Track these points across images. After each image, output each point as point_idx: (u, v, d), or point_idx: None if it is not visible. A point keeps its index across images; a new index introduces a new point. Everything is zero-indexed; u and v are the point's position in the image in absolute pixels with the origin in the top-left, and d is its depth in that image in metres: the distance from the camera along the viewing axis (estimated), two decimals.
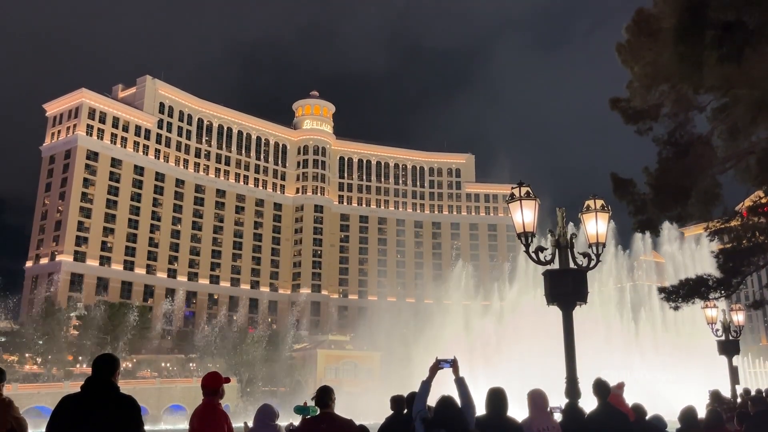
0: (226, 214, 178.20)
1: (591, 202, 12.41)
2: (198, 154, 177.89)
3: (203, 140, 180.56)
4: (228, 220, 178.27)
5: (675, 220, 22.50)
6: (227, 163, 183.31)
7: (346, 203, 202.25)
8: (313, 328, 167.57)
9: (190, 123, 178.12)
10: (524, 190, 11.88)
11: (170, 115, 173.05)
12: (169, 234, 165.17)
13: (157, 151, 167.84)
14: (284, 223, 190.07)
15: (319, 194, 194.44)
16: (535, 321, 67.60)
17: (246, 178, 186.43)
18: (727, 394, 20.98)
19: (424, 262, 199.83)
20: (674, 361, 71.69)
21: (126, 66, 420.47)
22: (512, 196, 12.01)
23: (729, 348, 23.56)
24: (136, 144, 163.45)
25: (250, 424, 10.03)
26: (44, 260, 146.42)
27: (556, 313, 11.85)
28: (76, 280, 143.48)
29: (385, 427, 10.23)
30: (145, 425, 7.16)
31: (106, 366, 6.93)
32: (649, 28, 18.98)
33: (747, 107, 18.27)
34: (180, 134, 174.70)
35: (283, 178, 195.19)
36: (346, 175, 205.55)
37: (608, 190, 20.90)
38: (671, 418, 12.26)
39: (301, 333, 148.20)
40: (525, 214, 11.83)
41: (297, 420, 9.37)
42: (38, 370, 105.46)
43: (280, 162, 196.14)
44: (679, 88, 19.67)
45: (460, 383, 8.29)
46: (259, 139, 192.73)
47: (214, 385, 8.70)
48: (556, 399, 10.23)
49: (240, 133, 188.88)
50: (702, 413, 12.26)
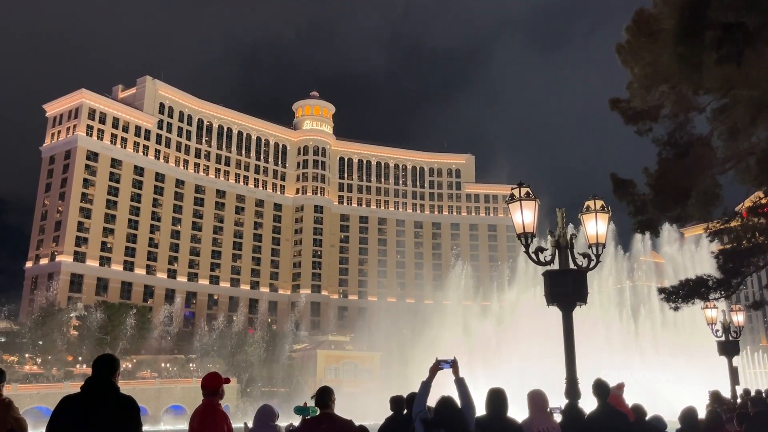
0: (226, 215, 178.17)
1: (591, 203, 12.41)
2: (198, 155, 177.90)
3: (203, 141, 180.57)
4: (228, 220, 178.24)
5: (675, 221, 22.49)
6: (227, 164, 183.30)
7: (346, 204, 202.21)
8: (313, 329, 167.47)
9: (190, 123, 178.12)
10: (524, 191, 11.89)
11: (170, 116, 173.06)
12: (169, 234, 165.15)
13: (157, 152, 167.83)
14: (284, 224, 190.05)
15: (319, 195, 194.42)
16: (534, 321, 67.62)
17: (246, 178, 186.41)
18: (727, 395, 20.98)
19: (424, 263, 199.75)
20: (674, 361, 71.68)
21: (126, 66, 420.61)
22: (512, 196, 12.02)
23: (729, 348, 23.57)
24: (136, 144, 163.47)
25: (250, 425, 10.04)
26: (44, 260, 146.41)
27: (556, 313, 11.86)
28: (76, 281, 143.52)
29: (385, 427, 10.23)
30: (145, 426, 7.19)
31: (106, 366, 6.94)
32: (649, 29, 18.98)
33: (747, 108, 18.28)
34: (180, 135, 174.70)
35: (283, 179, 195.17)
36: (346, 176, 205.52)
37: (608, 191, 20.91)
38: (671, 419, 12.27)
39: (300, 333, 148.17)
40: (525, 215, 11.84)
41: (297, 420, 9.38)
42: (38, 371, 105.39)
43: (280, 162, 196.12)
44: (679, 89, 19.68)
45: (460, 384, 8.30)
46: (259, 139, 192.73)
47: (213, 386, 8.70)
48: (556, 399, 10.23)
49: (240, 133, 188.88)
50: (702, 414, 12.27)
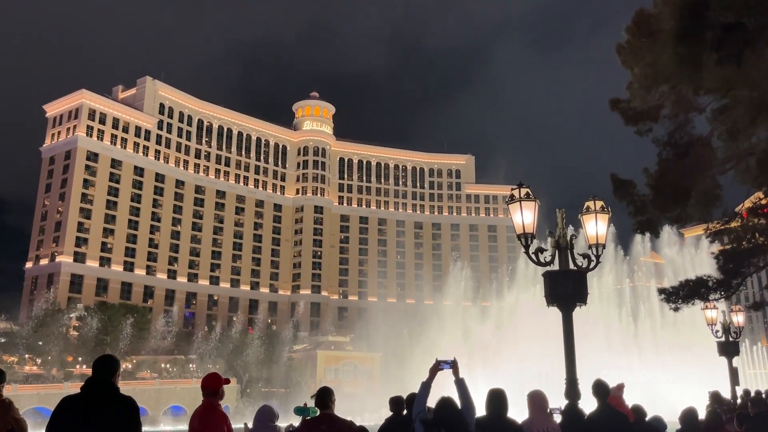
0: (226, 215, 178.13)
1: (591, 203, 12.41)
2: (198, 155, 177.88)
3: (203, 141, 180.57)
4: (228, 221, 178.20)
5: (675, 221, 22.46)
6: (227, 164, 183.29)
7: (346, 204, 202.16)
8: (313, 329, 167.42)
9: (190, 124, 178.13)
10: (524, 191, 11.89)
11: (170, 116, 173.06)
12: (169, 235, 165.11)
13: (157, 152, 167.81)
14: (284, 224, 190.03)
15: (319, 195, 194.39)
16: (534, 322, 67.60)
17: (246, 179, 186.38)
18: (727, 395, 20.98)
19: (423, 263, 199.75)
20: (674, 362, 71.64)
21: (126, 67, 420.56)
22: (512, 197, 12.01)
23: (729, 349, 23.57)
24: (136, 145, 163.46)
25: (250, 425, 10.04)
26: (44, 261, 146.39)
27: (556, 314, 11.85)
28: (76, 281, 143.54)
29: (385, 428, 10.23)
30: (145, 426, 7.19)
31: (106, 367, 6.94)
32: (649, 29, 18.98)
33: (747, 108, 18.26)
34: (180, 135, 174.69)
35: (283, 179, 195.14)
36: (346, 176, 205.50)
37: (608, 191, 20.90)
38: (672, 419, 12.26)
39: (300, 334, 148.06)
40: (525, 215, 11.83)
41: (297, 421, 9.38)
42: (38, 371, 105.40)
43: (280, 163, 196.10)
44: (679, 90, 19.67)
45: (460, 384, 8.30)
46: (259, 140, 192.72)
47: (213, 386, 8.70)
48: (556, 400, 10.23)
49: (240, 134, 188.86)
50: (702, 414, 12.26)
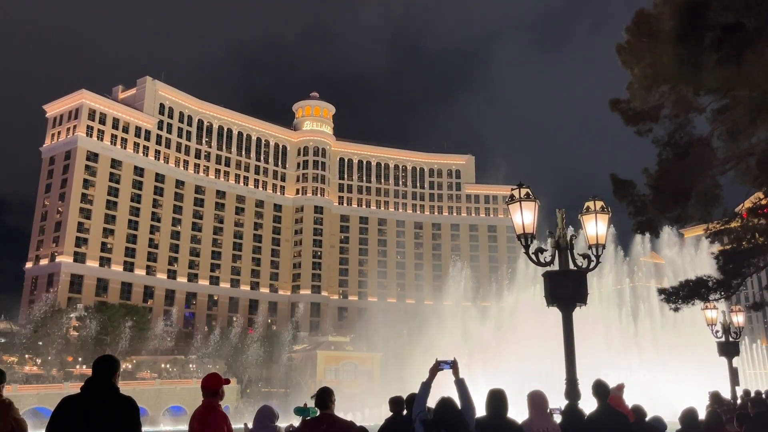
0: (226, 215, 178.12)
1: (591, 204, 12.40)
2: (198, 155, 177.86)
3: (203, 141, 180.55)
4: (228, 221, 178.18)
5: (675, 222, 22.45)
6: (227, 164, 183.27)
7: (346, 204, 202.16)
8: (313, 329, 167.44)
9: (190, 124, 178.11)
10: (524, 192, 11.88)
11: (170, 116, 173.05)
12: (169, 235, 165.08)
13: (157, 152, 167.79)
14: (284, 224, 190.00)
15: (319, 195, 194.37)
16: (534, 322, 67.58)
17: (246, 179, 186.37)
18: (727, 396, 20.97)
19: (423, 264, 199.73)
20: (674, 362, 71.61)
21: (126, 67, 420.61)
22: (512, 197, 12.00)
23: (729, 349, 23.56)
24: (136, 145, 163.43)
25: (250, 426, 10.04)
26: (44, 261, 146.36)
27: (556, 314, 11.85)
28: (76, 281, 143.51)
29: (385, 428, 10.23)
30: (145, 426, 7.19)
31: (106, 367, 6.95)
32: (649, 30, 18.97)
33: (746, 109, 18.26)
34: (180, 135, 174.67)
35: (283, 180, 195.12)
36: (346, 176, 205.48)
37: (608, 191, 20.90)
38: (672, 419, 12.26)
39: (300, 334, 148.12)
40: (525, 216, 11.82)
41: (297, 421, 9.38)
42: (38, 372, 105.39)
43: (280, 163, 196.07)
44: (679, 90, 19.67)
45: (460, 385, 8.30)
46: (259, 140, 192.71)
47: (213, 387, 8.69)
48: (556, 400, 10.23)
49: (240, 134, 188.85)
50: (702, 414, 12.26)
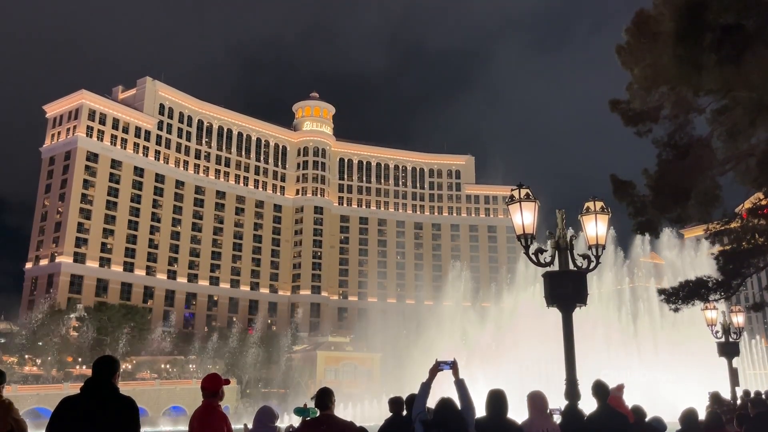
0: (225, 216, 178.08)
1: (591, 204, 12.39)
2: (198, 156, 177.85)
3: (203, 142, 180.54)
4: (228, 221, 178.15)
5: (675, 222, 22.45)
6: (227, 165, 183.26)
7: (345, 205, 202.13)
8: (313, 330, 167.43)
9: (190, 124, 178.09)
10: (524, 192, 11.86)
11: (170, 117, 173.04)
12: (169, 235, 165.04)
13: (157, 153, 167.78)
14: (284, 225, 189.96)
15: (319, 196, 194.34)
16: (534, 322, 67.51)
17: (246, 179, 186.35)
18: (727, 396, 20.96)
19: (423, 264, 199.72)
20: (674, 362, 71.54)
21: (126, 67, 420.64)
22: (512, 197, 11.98)
23: (729, 350, 23.54)
24: (136, 145, 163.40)
25: (250, 426, 10.03)
26: (44, 261, 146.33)
27: (556, 314, 11.85)
28: (76, 282, 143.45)
29: (385, 428, 10.22)
30: (145, 427, 7.20)
31: (106, 367, 6.95)
32: (649, 30, 18.97)
33: (746, 109, 18.28)
34: (180, 136, 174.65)
35: (283, 180, 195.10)
36: (346, 177, 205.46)
37: (608, 192, 20.91)
38: (672, 420, 12.25)
39: (300, 334, 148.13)
40: (525, 216, 11.81)
41: (297, 422, 9.38)
42: (38, 372, 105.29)
43: (280, 163, 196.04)
44: (678, 90, 19.67)
45: (460, 385, 8.30)
46: (259, 140, 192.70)
47: (213, 387, 8.69)
48: (556, 401, 10.23)
49: (240, 134, 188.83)
50: (702, 415, 12.25)
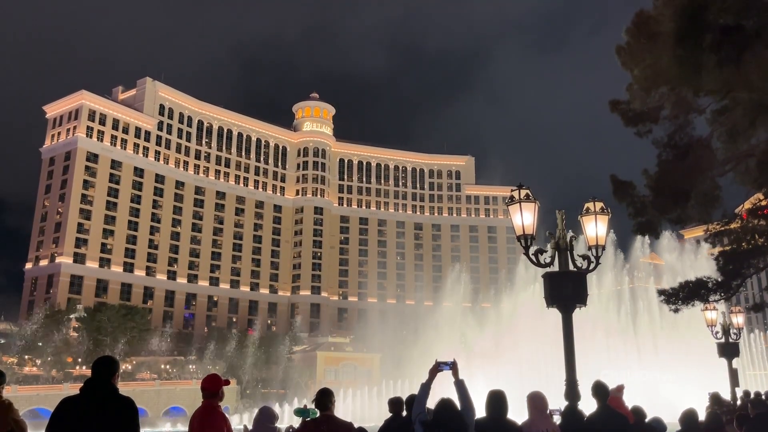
0: (225, 216, 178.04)
1: (590, 205, 12.38)
2: (198, 156, 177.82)
3: (203, 142, 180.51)
4: (228, 222, 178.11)
5: (675, 222, 22.46)
6: (227, 165, 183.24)
7: (345, 205, 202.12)
8: (313, 330, 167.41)
9: (190, 125, 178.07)
10: (524, 193, 11.86)
11: (170, 117, 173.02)
12: (169, 236, 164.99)
13: (157, 153, 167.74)
14: (284, 225, 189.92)
15: (319, 196, 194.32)
16: (534, 323, 67.53)
17: (246, 180, 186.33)
18: (727, 397, 20.96)
19: (423, 264, 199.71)
20: (673, 363, 71.56)
21: (126, 67, 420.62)
22: (512, 198, 11.98)
23: (729, 350, 23.54)
24: (136, 146, 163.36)
25: (250, 427, 10.03)
26: (44, 262, 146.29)
27: (556, 314, 11.84)
28: (76, 282, 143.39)
29: (384, 429, 10.22)
30: (145, 427, 7.19)
31: (106, 368, 6.95)
32: (649, 31, 18.97)
33: (746, 110, 18.29)
34: (180, 136, 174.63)
35: (283, 180, 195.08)
36: (346, 177, 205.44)
37: (608, 192, 20.91)
38: (672, 420, 12.25)
39: (300, 335, 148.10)
40: (525, 217, 11.81)
41: (297, 422, 9.38)
42: (37, 372, 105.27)
43: (280, 164, 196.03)
44: (678, 91, 19.67)
45: (460, 386, 8.30)
46: (259, 141, 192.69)
47: (213, 388, 8.70)
48: (556, 401, 10.22)
49: (240, 135, 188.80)
50: (702, 416, 12.25)
